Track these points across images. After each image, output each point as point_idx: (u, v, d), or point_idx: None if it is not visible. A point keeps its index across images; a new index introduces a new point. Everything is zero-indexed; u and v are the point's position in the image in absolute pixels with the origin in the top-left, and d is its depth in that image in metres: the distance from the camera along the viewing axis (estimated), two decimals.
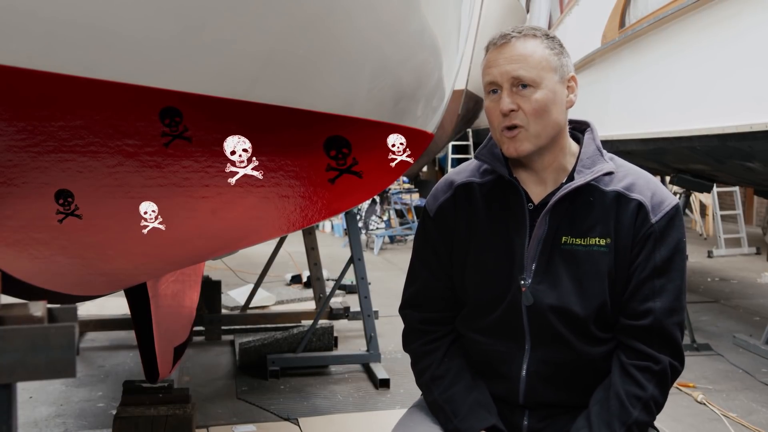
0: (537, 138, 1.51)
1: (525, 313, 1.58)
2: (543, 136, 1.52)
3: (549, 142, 1.54)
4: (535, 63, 1.50)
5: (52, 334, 0.80)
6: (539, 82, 1.50)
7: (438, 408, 1.63)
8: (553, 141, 1.55)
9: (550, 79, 1.52)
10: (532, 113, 1.50)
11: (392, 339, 4.71)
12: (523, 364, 1.60)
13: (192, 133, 1.41)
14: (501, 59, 1.51)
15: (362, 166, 2.34)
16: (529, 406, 1.62)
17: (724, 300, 6.41)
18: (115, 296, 5.40)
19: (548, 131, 1.53)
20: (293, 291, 6.53)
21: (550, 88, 1.52)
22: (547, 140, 1.53)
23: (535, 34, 1.53)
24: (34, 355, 0.79)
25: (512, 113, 1.50)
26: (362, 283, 4.41)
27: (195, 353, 4.61)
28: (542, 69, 1.51)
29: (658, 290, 1.54)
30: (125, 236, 1.77)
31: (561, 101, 1.55)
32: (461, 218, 1.65)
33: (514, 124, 1.50)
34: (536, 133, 1.51)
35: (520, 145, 1.51)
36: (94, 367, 4.33)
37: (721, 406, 3.74)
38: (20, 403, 3.64)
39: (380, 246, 9.63)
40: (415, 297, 1.73)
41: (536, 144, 1.52)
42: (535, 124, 1.50)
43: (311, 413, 3.63)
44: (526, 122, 1.50)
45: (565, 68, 1.56)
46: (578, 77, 1.62)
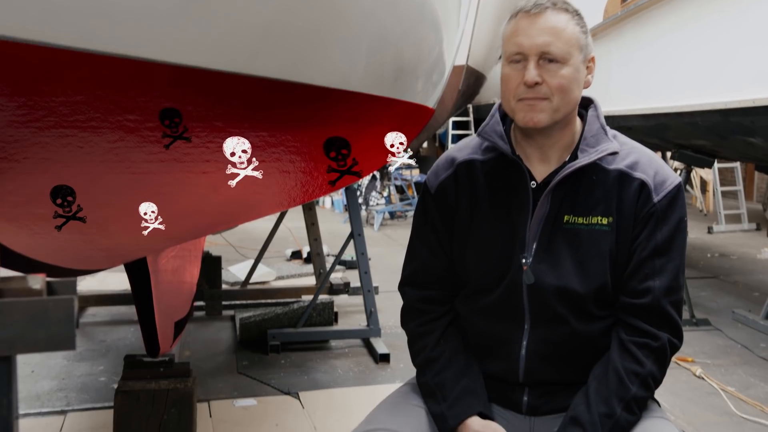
0: (555, 113, 1.50)
1: (525, 292, 1.58)
2: (561, 111, 1.51)
3: (562, 119, 1.53)
4: (566, 39, 1.48)
5: (51, 307, 0.80)
6: (567, 59, 1.48)
7: (428, 391, 1.64)
8: (565, 118, 1.54)
9: (576, 57, 1.51)
10: (556, 88, 1.48)
11: (392, 314, 4.72)
12: (523, 343, 1.60)
13: (191, 132, 1.40)
14: (533, 30, 1.49)
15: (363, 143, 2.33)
16: (528, 384, 1.63)
17: (723, 276, 6.43)
18: (115, 271, 5.41)
19: (566, 108, 1.52)
20: (293, 266, 6.55)
21: (575, 66, 1.50)
22: (563, 117, 1.52)
23: (567, 8, 1.51)
24: (33, 328, 0.79)
25: (536, 86, 1.48)
26: (362, 258, 4.42)
27: (196, 328, 4.63)
28: (571, 46, 1.49)
29: (658, 269, 1.54)
30: (126, 212, 1.76)
31: (581, 80, 1.54)
32: (462, 196, 1.64)
33: (539, 96, 1.48)
34: (556, 107, 1.49)
35: (537, 116, 1.49)
36: (96, 342, 4.35)
37: (719, 381, 3.76)
38: (22, 378, 3.67)
39: (380, 222, 9.64)
40: (414, 275, 1.72)
41: (553, 119, 1.50)
42: (557, 100, 1.49)
43: (311, 387, 3.65)
44: (550, 95, 1.49)
45: (589, 48, 1.55)
46: None
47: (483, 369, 1.66)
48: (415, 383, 1.72)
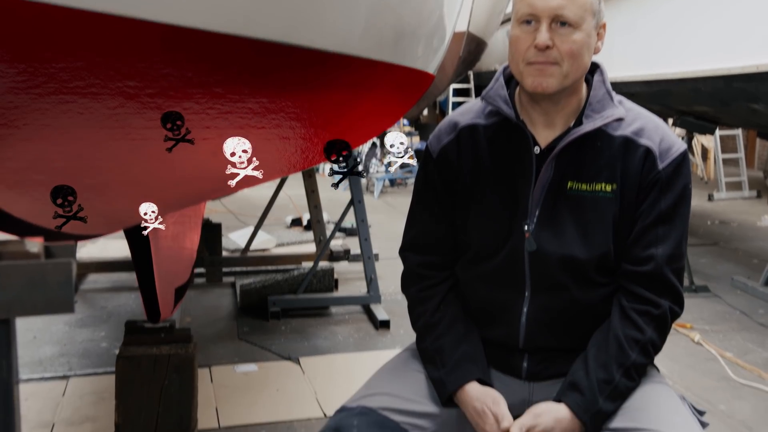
0: (565, 78, 1.48)
1: (527, 259, 1.57)
2: (570, 77, 1.48)
3: (571, 85, 1.51)
4: (580, 3, 1.45)
5: (49, 270, 0.79)
6: (580, 24, 1.46)
7: (427, 356, 1.64)
8: (573, 84, 1.52)
9: (589, 22, 1.48)
10: (567, 53, 1.45)
11: (392, 281, 4.73)
12: (523, 310, 1.60)
13: (193, 134, 1.39)
14: None
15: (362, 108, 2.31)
16: (528, 350, 1.63)
17: (723, 243, 6.43)
18: (115, 238, 5.42)
19: (576, 74, 1.49)
20: (293, 234, 6.55)
21: (588, 31, 1.48)
22: (572, 82, 1.50)
23: None
24: (31, 291, 0.79)
25: (547, 50, 1.46)
26: (362, 225, 4.42)
27: (196, 295, 4.64)
28: (585, 11, 1.46)
29: (661, 237, 1.53)
30: (126, 178, 1.75)
31: (592, 46, 1.51)
32: (465, 161, 1.62)
33: (549, 60, 1.46)
34: (566, 73, 1.47)
35: (546, 81, 1.47)
36: (97, 308, 4.37)
37: (717, 347, 3.78)
38: (24, 343, 3.69)
39: (380, 189, 9.63)
40: (414, 240, 1.72)
41: (562, 84, 1.48)
42: (567, 65, 1.46)
43: (312, 353, 3.68)
44: (560, 60, 1.46)
45: (601, 14, 1.52)
46: None
47: (483, 335, 1.66)
48: (414, 349, 1.73)
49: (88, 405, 3.01)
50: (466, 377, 1.57)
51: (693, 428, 1.46)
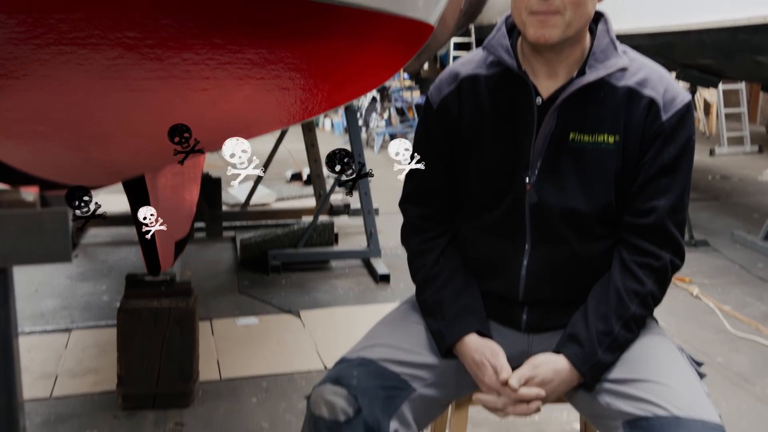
0: (568, 27, 1.44)
1: (528, 211, 1.56)
2: (574, 26, 1.45)
3: (574, 35, 1.48)
4: None
5: (45, 219, 0.79)
6: None
7: (427, 309, 1.64)
8: (576, 34, 1.49)
9: None
10: (570, 2, 1.41)
11: (392, 235, 4.74)
12: (523, 262, 1.60)
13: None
14: None
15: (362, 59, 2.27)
16: (527, 302, 1.63)
17: (724, 197, 6.43)
18: (115, 192, 5.41)
19: (579, 24, 1.46)
20: (293, 188, 6.54)
21: None
22: (575, 32, 1.46)
23: None
24: (28, 240, 0.78)
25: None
26: (362, 179, 4.40)
27: (197, 249, 4.65)
28: None
29: (664, 189, 1.52)
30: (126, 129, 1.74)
31: None
32: (465, 112, 1.60)
33: (551, 9, 1.43)
34: (569, 22, 1.43)
35: (548, 32, 1.43)
36: (97, 262, 4.38)
37: (716, 300, 3.80)
38: (26, 296, 3.71)
39: (380, 144, 9.58)
40: (414, 192, 1.71)
41: (565, 34, 1.45)
42: (570, 14, 1.42)
43: (312, 306, 3.70)
44: (563, 9, 1.43)
45: None
46: None
47: (483, 287, 1.66)
48: (414, 301, 1.73)
49: (90, 357, 3.04)
50: (466, 329, 1.57)
51: (691, 379, 1.47)
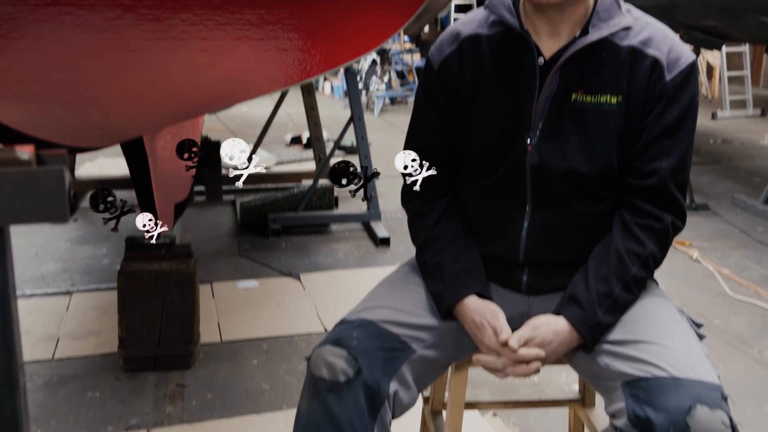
0: None
1: (529, 173, 1.55)
2: None
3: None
4: None
5: (41, 178, 0.78)
6: None
7: (427, 270, 1.64)
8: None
9: None
10: None
11: (392, 199, 4.73)
12: (524, 224, 1.59)
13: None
14: None
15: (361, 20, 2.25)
16: (528, 264, 1.63)
17: (725, 161, 6.41)
18: (114, 156, 5.39)
19: None
20: (293, 152, 6.52)
21: None
22: None
23: None
24: (23, 198, 0.77)
25: None
26: (362, 142, 4.38)
27: (196, 213, 4.65)
28: None
29: (666, 150, 1.50)
30: (124, 89, 1.73)
31: None
32: (466, 73, 1.58)
33: None
34: None
35: None
36: (97, 226, 4.38)
37: (715, 263, 3.81)
38: (26, 260, 3.72)
39: (380, 107, 9.52)
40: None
41: None
42: None
43: (312, 269, 3.71)
44: None
45: None
46: None
47: (483, 249, 1.66)
48: (414, 263, 1.72)
49: (91, 320, 3.05)
50: (465, 291, 1.57)
51: (690, 340, 1.47)
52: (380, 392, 1.43)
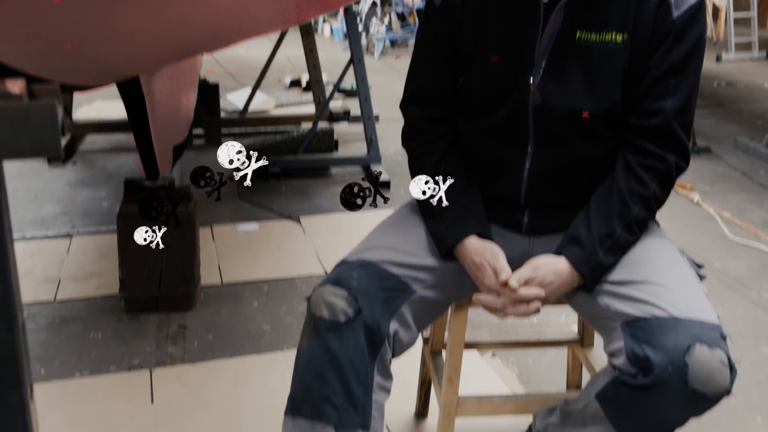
0: None
1: (531, 113, 1.52)
2: None
3: None
4: None
5: (33, 112, 0.76)
6: None
7: (427, 211, 1.63)
8: None
9: None
10: None
11: (392, 142, 4.70)
12: (525, 165, 1.57)
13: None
14: None
15: None
16: (529, 205, 1.62)
17: (728, 104, 6.34)
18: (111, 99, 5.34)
19: None
20: (292, 95, 6.45)
21: None
22: None
23: None
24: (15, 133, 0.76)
25: None
26: (362, 85, 4.33)
27: (195, 156, 4.62)
28: None
29: (672, 89, 1.48)
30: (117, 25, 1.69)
31: None
32: (468, 10, 1.54)
33: None
34: None
35: None
36: (96, 169, 4.36)
37: (716, 206, 3.80)
38: (26, 202, 3.71)
39: (381, 50, 9.39)
40: (416, 93, 1.67)
41: None
42: None
43: (312, 212, 3.70)
44: None
45: None
46: None
47: (484, 190, 1.65)
48: (414, 204, 1.72)
49: (92, 262, 3.06)
50: (466, 231, 1.56)
51: (691, 280, 1.47)
52: (380, 332, 1.44)
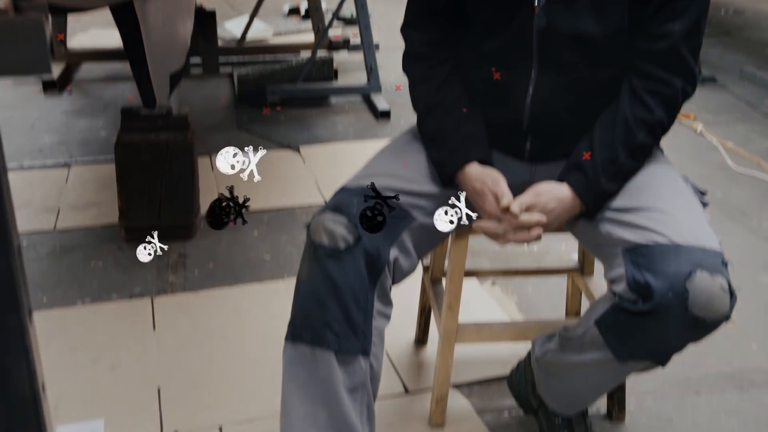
0: None
1: (535, 36, 1.48)
2: None
3: None
4: None
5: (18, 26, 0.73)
6: None
7: (428, 137, 1.60)
8: None
9: None
10: None
11: (393, 71, 4.63)
12: (529, 90, 1.54)
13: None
14: None
15: None
16: (532, 131, 1.59)
17: (735, 32, 6.22)
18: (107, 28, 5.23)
19: None
20: (291, 23, 6.32)
21: None
22: None
23: None
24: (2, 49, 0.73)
25: None
26: (362, 12, 4.23)
27: (193, 85, 4.56)
28: None
29: (680, 11, 1.43)
30: None
31: None
32: None
33: None
34: None
35: None
36: (93, 98, 4.31)
37: (719, 136, 3.77)
38: (23, 131, 3.68)
39: None
40: (418, 15, 1.62)
41: None
42: None
43: (311, 142, 3.67)
44: None
45: None
46: None
47: (486, 116, 1.61)
48: (415, 130, 1.69)
49: (91, 191, 3.05)
50: (467, 158, 1.54)
51: (694, 207, 1.46)
52: (380, 259, 1.43)
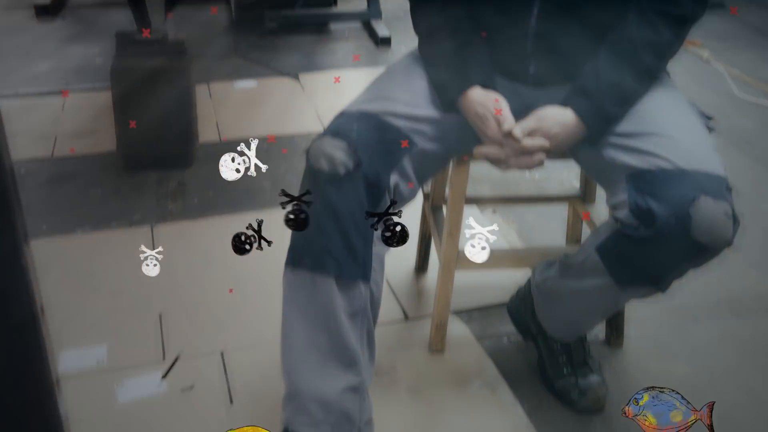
0: None
1: None
2: None
3: None
4: None
5: None
6: None
7: (430, 61, 1.56)
8: None
9: None
10: None
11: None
12: (533, 11, 1.49)
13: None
14: None
15: None
16: (536, 55, 1.54)
17: None
18: None
19: None
20: None
21: None
22: None
23: None
24: None
25: None
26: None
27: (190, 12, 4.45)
28: None
29: None
30: None
31: None
32: None
33: None
34: None
35: None
36: (88, 23, 4.22)
37: (726, 63, 3.70)
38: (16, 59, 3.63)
39: None
40: None
41: None
42: None
43: (311, 69, 3.61)
44: None
45: None
46: None
47: (490, 39, 1.57)
48: (417, 54, 1.65)
49: (87, 119, 3.01)
50: (469, 82, 1.50)
51: (699, 131, 1.44)
52: (380, 184, 1.41)
